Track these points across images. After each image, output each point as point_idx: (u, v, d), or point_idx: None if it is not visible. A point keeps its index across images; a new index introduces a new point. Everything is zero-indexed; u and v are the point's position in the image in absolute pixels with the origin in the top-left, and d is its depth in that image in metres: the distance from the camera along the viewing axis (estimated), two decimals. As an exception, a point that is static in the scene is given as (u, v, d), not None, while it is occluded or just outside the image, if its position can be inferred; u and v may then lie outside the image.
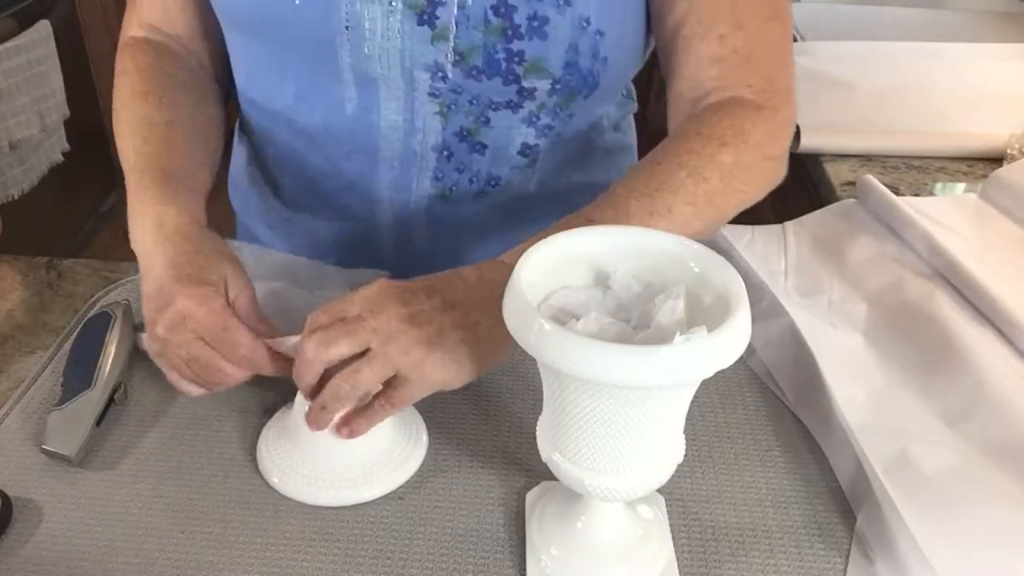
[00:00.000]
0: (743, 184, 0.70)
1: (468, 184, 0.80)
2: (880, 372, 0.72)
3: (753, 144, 0.69)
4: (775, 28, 0.72)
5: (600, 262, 0.54)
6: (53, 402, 0.67)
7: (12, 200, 2.17)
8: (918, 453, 0.63)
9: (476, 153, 0.78)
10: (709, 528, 0.61)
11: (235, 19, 0.75)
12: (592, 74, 0.73)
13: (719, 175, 0.67)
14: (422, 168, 0.79)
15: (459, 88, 0.72)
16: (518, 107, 0.74)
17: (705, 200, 0.67)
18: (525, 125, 0.77)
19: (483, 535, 0.60)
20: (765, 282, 0.80)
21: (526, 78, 0.71)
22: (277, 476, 0.63)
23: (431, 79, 0.72)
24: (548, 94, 0.73)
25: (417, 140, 0.77)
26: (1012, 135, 1.06)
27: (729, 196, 0.69)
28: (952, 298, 0.77)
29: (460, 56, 0.70)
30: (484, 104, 0.74)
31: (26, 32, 2.15)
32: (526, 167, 0.81)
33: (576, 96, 0.74)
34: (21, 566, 0.57)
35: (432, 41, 0.70)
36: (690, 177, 0.66)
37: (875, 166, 1.06)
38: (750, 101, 0.71)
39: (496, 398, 0.71)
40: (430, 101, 0.74)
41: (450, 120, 0.75)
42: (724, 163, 0.68)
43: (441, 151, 0.78)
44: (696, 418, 0.69)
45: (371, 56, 0.71)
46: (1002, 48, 1.39)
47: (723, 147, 0.68)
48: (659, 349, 0.45)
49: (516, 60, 0.70)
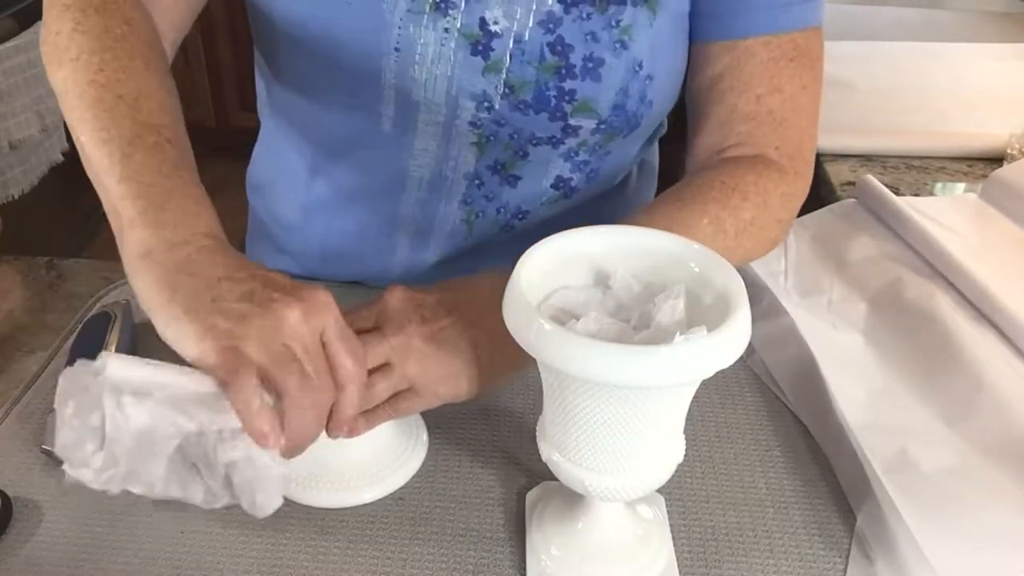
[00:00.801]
0: (752, 243, 0.70)
1: (496, 213, 0.80)
2: (880, 372, 0.72)
3: (771, 205, 0.70)
4: (810, 97, 0.72)
5: (600, 262, 0.54)
6: (53, 402, 0.67)
7: (12, 200, 2.17)
8: (918, 453, 0.63)
9: (508, 185, 0.78)
10: (709, 528, 0.61)
11: (289, 22, 0.72)
12: (636, 116, 0.73)
13: (735, 231, 0.68)
14: (451, 192, 0.78)
15: (503, 120, 0.72)
16: (559, 143, 0.74)
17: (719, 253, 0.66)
18: (563, 160, 0.76)
19: (483, 535, 0.60)
20: (765, 282, 0.80)
21: (573, 116, 0.71)
22: None
23: (475, 108, 0.71)
24: (592, 133, 0.73)
25: (449, 167, 0.76)
26: (1012, 135, 1.06)
27: (736, 253, 0.68)
28: (952, 298, 0.77)
29: (510, 89, 0.70)
30: (525, 139, 0.73)
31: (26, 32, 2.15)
32: (556, 201, 0.80)
33: (617, 136, 0.74)
34: (21, 566, 0.57)
35: (484, 72, 0.69)
36: (711, 226, 0.67)
37: (875, 166, 1.06)
38: (775, 163, 0.71)
39: (496, 398, 0.71)
40: (469, 131, 0.73)
41: (486, 152, 0.75)
42: (743, 219, 0.68)
43: (472, 180, 0.77)
44: (696, 418, 0.69)
45: (417, 80, 0.70)
46: (1002, 48, 1.39)
47: (744, 202, 0.68)
48: (659, 349, 0.45)
49: (567, 99, 0.70)
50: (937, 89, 1.24)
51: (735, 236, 0.68)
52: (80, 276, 0.84)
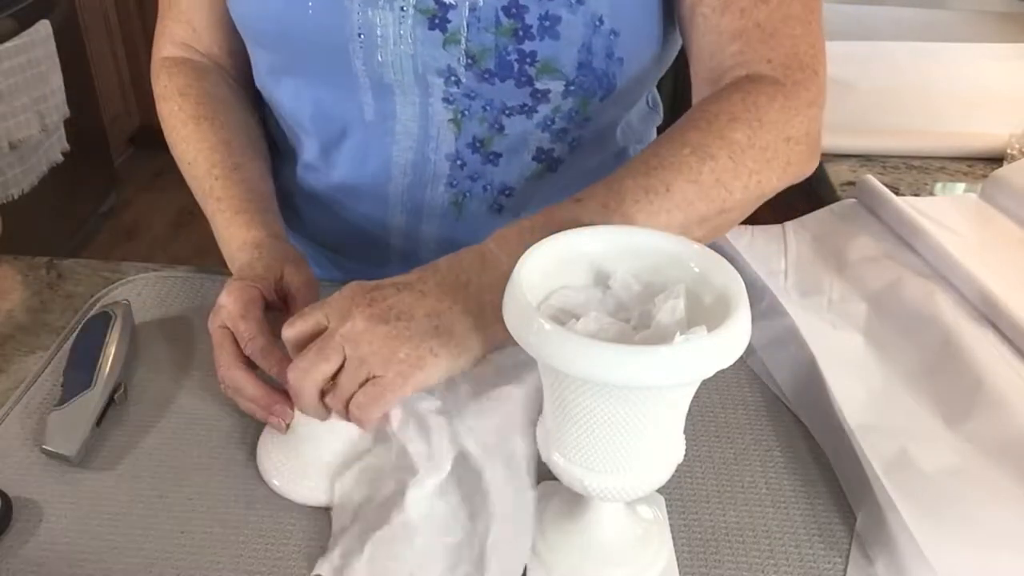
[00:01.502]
0: (758, 165, 0.63)
1: (482, 192, 0.80)
2: (880, 372, 0.72)
3: (769, 122, 0.64)
4: (801, 3, 0.67)
5: (600, 262, 0.54)
6: (53, 402, 0.67)
7: (12, 200, 2.17)
8: (918, 453, 0.63)
9: (490, 163, 0.78)
10: (709, 528, 0.61)
11: (254, 32, 0.76)
12: (607, 75, 0.72)
13: (728, 153, 0.62)
14: (435, 175, 0.79)
15: (472, 93, 0.72)
16: (532, 111, 0.74)
17: (712, 180, 0.62)
18: (540, 130, 0.76)
19: (483, 535, 0.60)
20: (765, 282, 0.80)
21: (539, 79, 0.71)
22: (278, 479, 0.63)
23: (444, 84, 0.72)
24: (562, 96, 0.72)
25: (431, 148, 0.77)
26: (1012, 135, 1.06)
27: (739, 177, 0.63)
28: (952, 298, 0.77)
29: (472, 59, 0.70)
30: (498, 109, 0.73)
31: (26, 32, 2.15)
32: (542, 175, 0.80)
33: (591, 98, 0.74)
34: (21, 566, 0.57)
35: (444, 45, 0.69)
36: (694, 154, 0.62)
37: (875, 166, 1.06)
38: (767, 77, 0.66)
39: (496, 398, 0.71)
40: (444, 108, 0.74)
41: (463, 129, 0.75)
42: (735, 140, 0.62)
43: (455, 160, 0.77)
44: (696, 418, 0.69)
45: (384, 63, 0.71)
46: (1002, 48, 1.39)
47: (733, 122, 0.63)
48: (659, 349, 0.45)
49: (528, 61, 0.69)
50: (937, 89, 1.24)
51: (730, 159, 0.62)
52: (80, 276, 0.84)
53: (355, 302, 0.58)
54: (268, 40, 0.75)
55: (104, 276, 0.84)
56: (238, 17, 0.76)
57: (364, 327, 0.57)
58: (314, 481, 0.62)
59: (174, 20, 0.82)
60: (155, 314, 0.79)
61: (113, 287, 0.82)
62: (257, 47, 0.78)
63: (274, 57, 0.77)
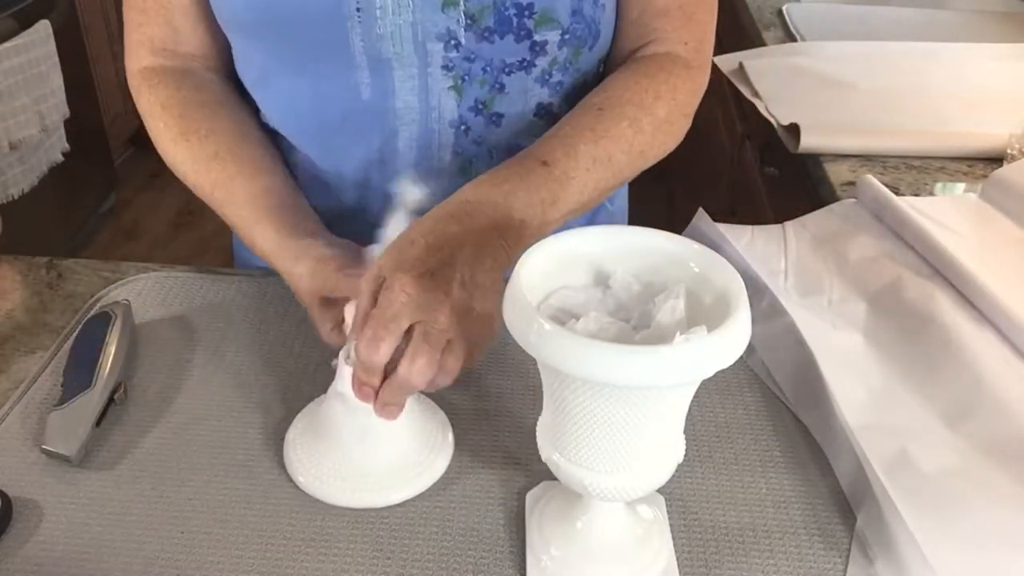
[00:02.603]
0: (665, 138, 0.75)
1: (488, 156, 0.81)
2: (880, 372, 0.72)
3: (679, 101, 0.75)
4: None
5: (600, 262, 0.54)
6: (53, 402, 0.67)
7: (12, 200, 2.17)
8: (918, 453, 0.63)
9: (493, 125, 0.79)
10: (709, 528, 0.61)
11: (241, 22, 0.75)
12: (595, 21, 0.75)
13: (652, 128, 0.72)
14: (441, 144, 0.79)
15: (472, 55, 0.73)
16: (531, 66, 0.75)
17: (638, 152, 0.72)
18: (539, 85, 0.77)
19: (483, 535, 0.60)
20: (765, 282, 0.80)
21: (537, 31, 0.73)
22: (304, 476, 0.63)
23: (444, 49, 0.73)
24: (558, 46, 0.75)
25: (433, 118, 0.77)
26: (1012, 135, 1.06)
27: (654, 148, 0.74)
28: (952, 298, 0.77)
29: (472, 19, 0.71)
30: (498, 69, 0.75)
31: (26, 32, 2.15)
32: (544, 130, 0.80)
33: (583, 47, 0.76)
34: (21, 566, 0.57)
35: (443, 8, 0.71)
36: (630, 128, 0.71)
37: (875, 166, 1.06)
38: (682, 58, 0.76)
39: (496, 398, 0.71)
40: (444, 76, 0.75)
41: (464, 94, 0.76)
42: (658, 116, 0.73)
43: (459, 126, 0.78)
44: (696, 418, 0.69)
45: (383, 35, 0.72)
46: (1002, 48, 1.39)
47: (658, 100, 0.73)
48: (659, 349, 0.45)
49: (527, 14, 0.71)
50: (937, 89, 1.24)
51: (652, 133, 0.72)
52: (80, 276, 0.84)
53: (433, 294, 0.58)
54: (255, 26, 0.74)
55: (104, 276, 0.84)
56: (223, 8, 0.75)
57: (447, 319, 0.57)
58: (343, 482, 0.62)
59: (150, 25, 0.80)
60: (155, 314, 0.79)
61: (113, 287, 0.82)
62: (243, 40, 0.77)
63: (262, 47, 0.76)
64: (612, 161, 0.70)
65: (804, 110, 1.16)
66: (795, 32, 1.47)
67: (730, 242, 0.84)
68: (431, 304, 0.57)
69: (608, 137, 0.70)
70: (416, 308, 0.57)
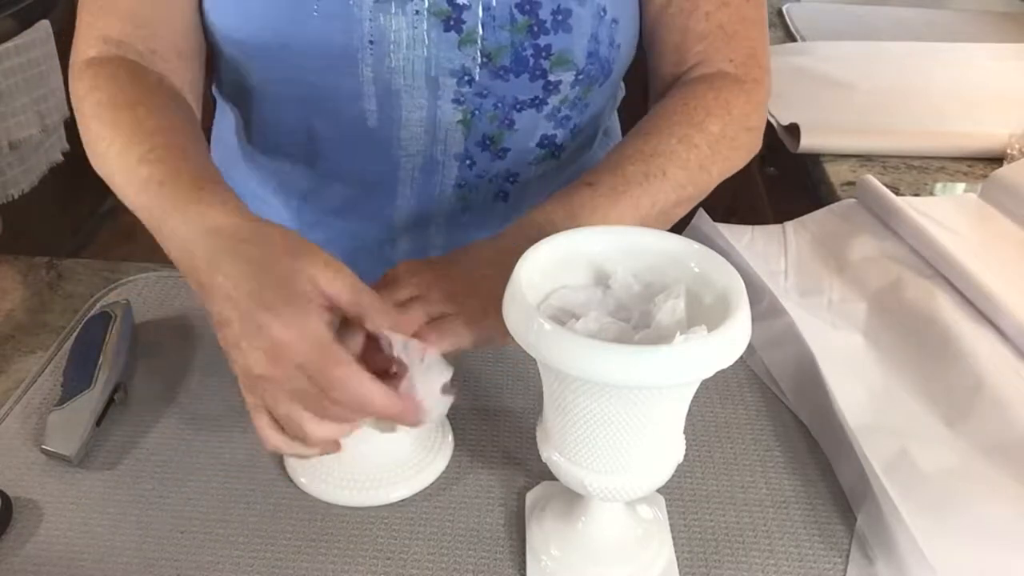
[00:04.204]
0: (729, 152, 0.73)
1: (488, 184, 0.81)
2: (880, 372, 0.72)
3: (736, 116, 0.73)
4: (754, 6, 0.76)
5: (600, 262, 0.54)
6: (53, 402, 0.67)
7: (12, 200, 2.17)
8: (918, 453, 0.63)
9: (498, 159, 0.79)
10: (709, 528, 0.61)
11: (245, 45, 0.71)
12: (608, 61, 0.75)
13: (707, 143, 0.71)
14: (444, 177, 0.79)
15: (485, 91, 0.73)
16: (543, 104, 0.75)
17: (697, 165, 0.70)
18: (548, 120, 0.77)
19: (483, 535, 0.60)
20: (765, 282, 0.80)
21: (552, 72, 0.72)
22: (305, 477, 0.63)
23: (456, 84, 0.72)
24: (571, 86, 0.74)
25: (439, 151, 0.77)
26: (1012, 135, 1.06)
27: (716, 162, 0.72)
28: (952, 298, 0.77)
29: (488, 58, 0.70)
30: (509, 105, 0.74)
31: (26, 32, 2.14)
32: (544, 159, 0.81)
33: (594, 85, 0.76)
34: (21, 566, 0.57)
35: (459, 46, 0.70)
36: (680, 144, 0.70)
37: (875, 166, 1.06)
38: (731, 75, 0.75)
39: (496, 398, 0.71)
40: (453, 109, 0.74)
41: (472, 129, 0.75)
42: (711, 132, 0.71)
43: (464, 160, 0.78)
44: (696, 418, 0.69)
45: (395, 68, 0.71)
46: (1002, 48, 1.39)
47: (709, 116, 0.71)
48: (659, 349, 0.45)
49: (544, 55, 0.71)
50: (937, 89, 1.24)
51: (708, 148, 0.71)
52: (80, 276, 0.84)
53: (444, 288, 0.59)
54: (262, 53, 0.71)
55: (104, 276, 0.84)
56: (223, 28, 0.71)
57: None
58: (343, 480, 0.62)
59: (106, 12, 0.72)
60: (155, 314, 0.79)
61: (113, 287, 0.82)
62: (241, 57, 0.73)
63: (262, 68, 0.73)
64: (668, 176, 0.68)
65: (804, 110, 1.16)
66: (795, 32, 1.47)
67: (730, 242, 0.84)
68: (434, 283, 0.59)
69: (658, 154, 0.68)
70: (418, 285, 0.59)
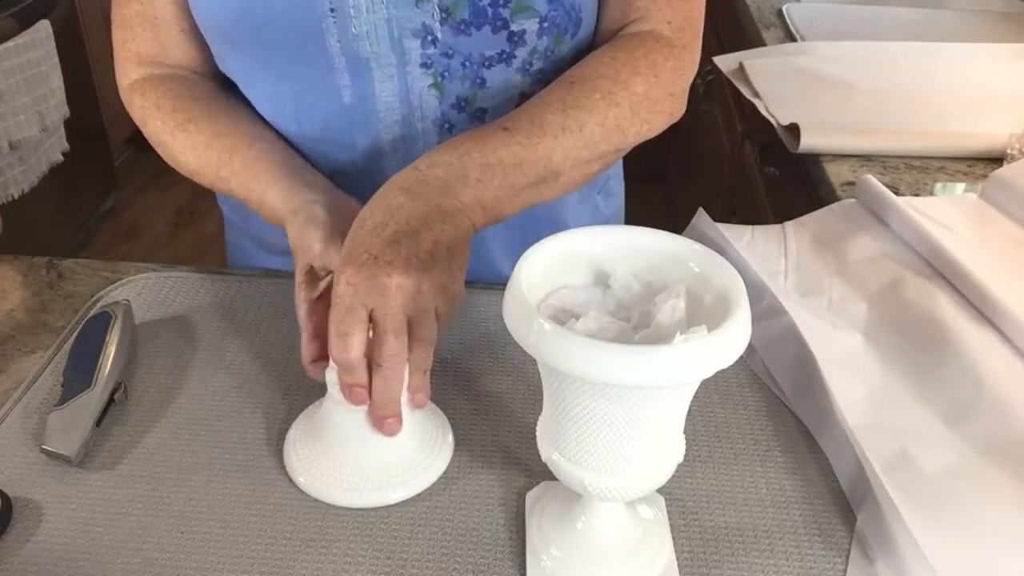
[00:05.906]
0: (648, 115, 0.73)
1: None
2: (880, 372, 0.72)
3: (662, 79, 0.73)
4: None
5: (600, 262, 0.54)
6: (53, 402, 0.67)
7: (12, 200, 2.17)
8: (917, 453, 0.63)
9: (477, 120, 0.78)
10: (709, 528, 0.61)
11: (221, 28, 0.75)
12: (575, 7, 0.74)
13: (629, 103, 0.71)
14: (427, 144, 0.79)
15: (450, 50, 0.73)
16: (511, 58, 0.75)
17: (614, 124, 0.71)
18: (520, 75, 0.77)
19: (483, 535, 0.60)
20: (765, 282, 0.80)
21: (514, 21, 0.72)
22: (305, 477, 0.63)
23: (421, 45, 0.72)
24: (537, 36, 0.74)
25: (416, 118, 0.77)
26: (1012, 135, 1.06)
27: (635, 124, 0.72)
28: (952, 298, 0.77)
29: (446, 12, 0.71)
30: (477, 63, 0.74)
31: (26, 32, 2.15)
32: None
33: (564, 35, 0.75)
34: (21, 566, 0.57)
35: (417, 3, 0.70)
36: (603, 100, 0.70)
37: (875, 166, 1.06)
38: (665, 37, 0.75)
39: (496, 398, 0.71)
40: (423, 74, 0.74)
41: (445, 92, 0.76)
42: (635, 92, 0.71)
43: (442, 124, 0.78)
44: (696, 418, 0.69)
45: (359, 34, 0.71)
46: (1002, 48, 1.39)
47: (635, 76, 0.72)
48: (659, 349, 0.45)
49: (502, 3, 0.71)
50: (937, 89, 1.24)
51: (630, 108, 0.71)
52: (80, 276, 0.84)
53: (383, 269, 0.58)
54: (235, 34, 0.74)
55: (104, 276, 0.84)
56: (201, 15, 0.75)
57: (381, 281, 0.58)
58: (343, 482, 0.62)
59: (137, 40, 0.80)
60: (155, 314, 0.79)
61: (113, 287, 0.82)
62: (225, 46, 0.77)
63: (244, 55, 0.76)
64: (584, 131, 0.69)
65: (804, 110, 1.16)
66: (795, 32, 1.47)
67: (730, 242, 0.84)
68: (376, 289, 0.58)
69: (579, 108, 0.69)
70: (365, 296, 0.58)
